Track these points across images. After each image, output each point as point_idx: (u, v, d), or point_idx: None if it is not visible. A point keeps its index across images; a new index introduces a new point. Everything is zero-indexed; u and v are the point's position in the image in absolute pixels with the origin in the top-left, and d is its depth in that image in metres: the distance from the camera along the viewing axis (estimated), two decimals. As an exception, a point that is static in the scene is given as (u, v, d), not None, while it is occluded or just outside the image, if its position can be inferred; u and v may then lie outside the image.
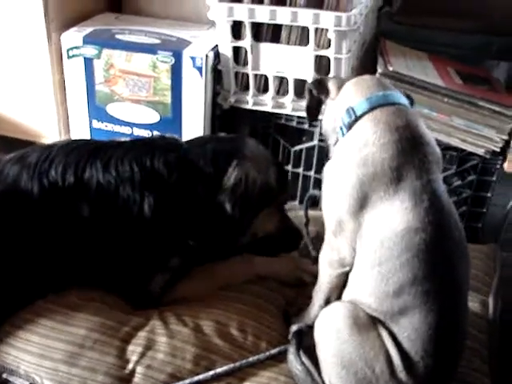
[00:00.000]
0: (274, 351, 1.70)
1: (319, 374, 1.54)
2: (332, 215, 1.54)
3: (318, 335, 1.53)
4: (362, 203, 1.45)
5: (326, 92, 1.65)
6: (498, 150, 2.16)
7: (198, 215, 1.81)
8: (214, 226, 1.81)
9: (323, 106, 1.70)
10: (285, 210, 2.00)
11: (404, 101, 1.54)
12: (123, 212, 1.75)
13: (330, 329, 1.48)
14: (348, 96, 1.57)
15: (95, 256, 1.79)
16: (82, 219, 1.74)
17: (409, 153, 1.43)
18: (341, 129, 1.55)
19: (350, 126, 1.51)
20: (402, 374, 1.40)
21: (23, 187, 1.74)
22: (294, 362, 1.60)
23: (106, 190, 1.75)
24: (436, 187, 1.44)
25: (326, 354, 1.48)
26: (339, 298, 1.60)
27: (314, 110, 1.73)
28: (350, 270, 1.54)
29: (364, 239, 1.47)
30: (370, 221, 1.45)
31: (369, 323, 1.42)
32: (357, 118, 1.50)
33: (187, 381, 1.62)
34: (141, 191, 1.75)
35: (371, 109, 1.49)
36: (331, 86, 1.64)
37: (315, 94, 1.67)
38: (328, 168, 1.60)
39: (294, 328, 1.66)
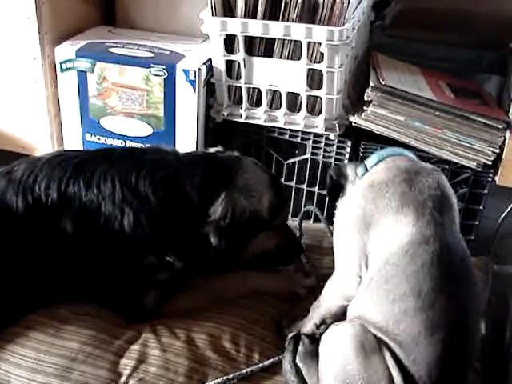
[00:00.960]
0: (267, 362, 1.70)
1: None
2: (341, 245, 1.61)
3: (323, 352, 1.51)
4: (366, 221, 1.50)
5: (345, 177, 1.71)
6: (490, 163, 2.17)
7: (184, 237, 1.79)
8: (200, 251, 1.80)
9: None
10: (283, 229, 1.97)
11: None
12: (105, 228, 1.75)
13: (337, 348, 1.47)
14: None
15: (83, 271, 1.79)
16: (66, 235, 1.75)
17: (412, 183, 1.52)
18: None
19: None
20: None
21: (8, 202, 1.75)
22: (289, 370, 1.60)
23: (88, 207, 1.75)
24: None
25: (329, 372, 1.47)
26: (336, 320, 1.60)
27: (335, 192, 1.77)
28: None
29: (369, 259, 1.49)
30: (375, 239, 1.48)
31: (375, 346, 1.40)
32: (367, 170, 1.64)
33: (180, 394, 1.61)
34: (121, 208, 1.74)
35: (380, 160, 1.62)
36: (349, 171, 1.70)
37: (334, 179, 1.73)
38: (341, 205, 1.69)
39: (290, 335, 1.68)
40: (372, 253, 1.49)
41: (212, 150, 2.05)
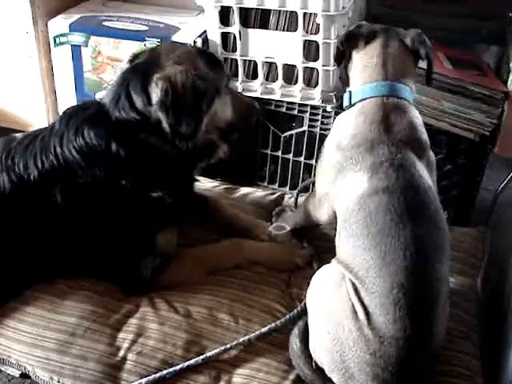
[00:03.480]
0: (264, 329, 1.70)
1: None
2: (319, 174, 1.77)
3: (308, 295, 1.64)
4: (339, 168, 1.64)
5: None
6: (488, 133, 2.16)
7: (161, 160, 1.78)
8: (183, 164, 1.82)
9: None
10: (231, 91, 1.95)
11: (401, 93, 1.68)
12: (91, 190, 1.76)
13: (316, 284, 1.62)
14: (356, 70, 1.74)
15: (79, 241, 1.79)
16: (57, 208, 1.75)
17: (383, 134, 1.60)
18: (348, 98, 1.73)
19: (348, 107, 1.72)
20: (367, 329, 1.45)
21: None
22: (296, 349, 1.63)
23: (67, 176, 1.76)
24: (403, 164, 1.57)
25: (312, 307, 1.60)
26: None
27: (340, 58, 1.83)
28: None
29: (337, 204, 1.66)
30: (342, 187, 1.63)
31: (340, 279, 1.53)
32: (351, 104, 1.70)
33: (178, 366, 1.62)
34: (92, 168, 1.75)
35: (363, 99, 1.67)
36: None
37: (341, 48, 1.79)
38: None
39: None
40: (339, 195, 1.65)
41: None
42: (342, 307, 1.49)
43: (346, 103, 1.74)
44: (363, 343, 1.45)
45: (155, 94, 1.72)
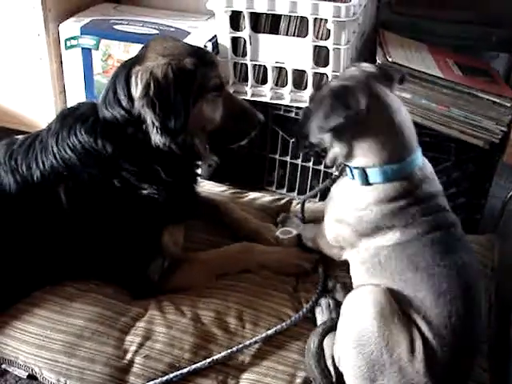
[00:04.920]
0: (270, 332, 1.71)
1: None
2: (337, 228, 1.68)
3: (343, 311, 1.57)
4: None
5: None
6: (497, 141, 2.15)
7: (149, 149, 1.76)
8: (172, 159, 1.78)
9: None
10: (223, 92, 1.88)
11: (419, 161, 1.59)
12: (94, 190, 1.76)
13: (357, 308, 1.53)
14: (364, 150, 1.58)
15: (86, 243, 1.79)
16: (63, 209, 1.76)
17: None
18: (350, 171, 1.61)
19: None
20: (419, 363, 1.44)
21: (1, 184, 1.78)
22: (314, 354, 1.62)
23: (68, 177, 1.76)
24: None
25: (345, 330, 1.54)
26: None
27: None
28: None
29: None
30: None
31: (397, 310, 1.48)
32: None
33: (185, 370, 1.62)
34: (88, 168, 1.75)
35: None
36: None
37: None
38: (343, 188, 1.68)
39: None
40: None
41: None
42: (398, 338, 1.46)
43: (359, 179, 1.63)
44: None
45: (134, 86, 1.70)
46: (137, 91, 1.69)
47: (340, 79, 1.63)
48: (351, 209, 1.61)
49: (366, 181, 1.57)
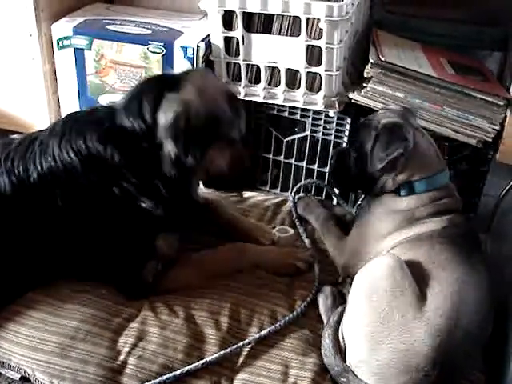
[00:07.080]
0: (263, 332, 1.72)
1: None
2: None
3: (359, 274, 1.70)
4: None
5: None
6: (490, 140, 2.16)
7: (155, 172, 1.77)
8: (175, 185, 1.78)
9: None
10: (237, 145, 1.89)
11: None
12: (90, 195, 1.76)
13: (371, 270, 1.69)
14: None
15: (80, 244, 1.79)
16: (58, 209, 1.75)
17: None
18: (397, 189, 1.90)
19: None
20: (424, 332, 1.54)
21: None
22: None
23: (66, 179, 1.76)
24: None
25: (359, 286, 1.67)
26: None
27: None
28: None
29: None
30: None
31: (410, 277, 1.63)
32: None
33: (178, 371, 1.62)
34: (88, 175, 1.75)
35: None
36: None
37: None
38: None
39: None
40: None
41: None
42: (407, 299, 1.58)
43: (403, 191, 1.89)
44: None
45: (164, 112, 1.69)
46: (165, 118, 1.69)
47: (383, 117, 1.91)
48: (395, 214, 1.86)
49: (412, 191, 1.86)
